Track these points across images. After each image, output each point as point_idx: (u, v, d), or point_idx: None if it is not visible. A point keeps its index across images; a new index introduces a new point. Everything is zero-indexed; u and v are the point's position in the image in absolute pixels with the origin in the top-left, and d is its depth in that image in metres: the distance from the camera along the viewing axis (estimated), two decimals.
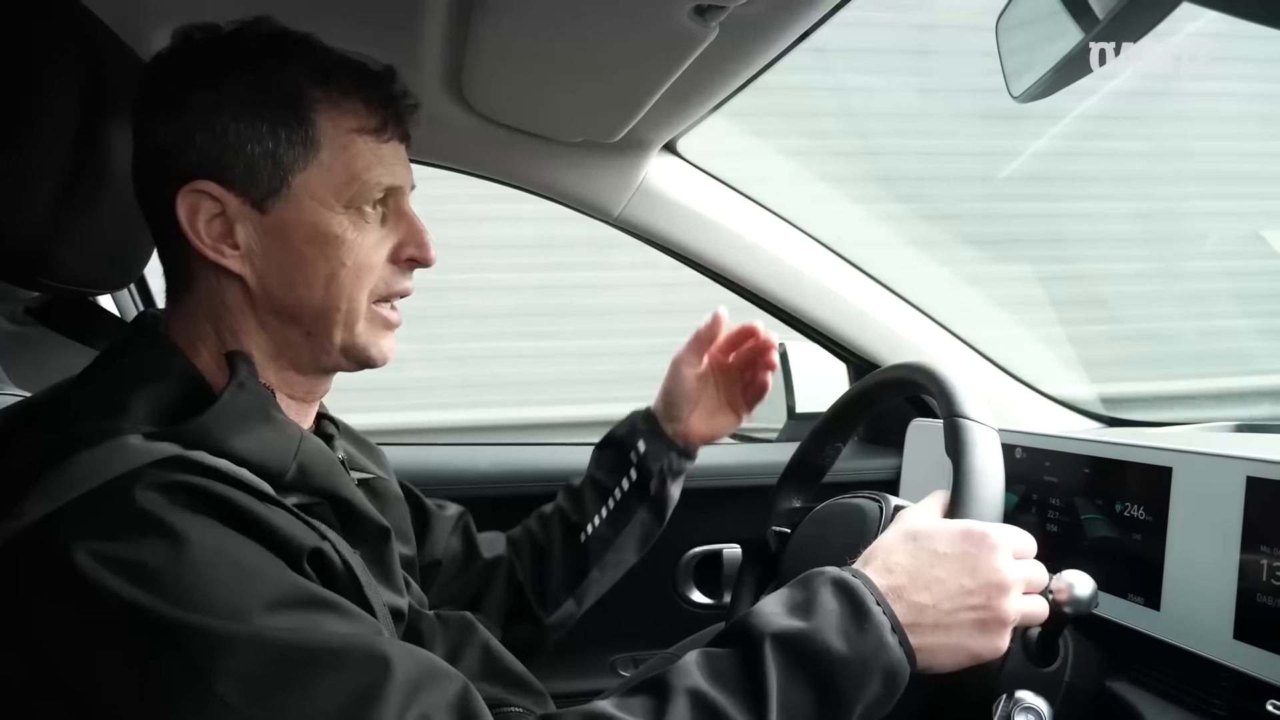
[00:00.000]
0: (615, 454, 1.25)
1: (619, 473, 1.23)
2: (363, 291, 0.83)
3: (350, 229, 0.81)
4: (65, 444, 0.69)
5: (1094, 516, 1.11)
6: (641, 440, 1.23)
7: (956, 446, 0.88)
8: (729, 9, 0.89)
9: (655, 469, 1.22)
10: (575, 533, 1.23)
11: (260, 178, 0.79)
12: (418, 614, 0.93)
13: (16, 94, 0.79)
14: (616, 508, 1.23)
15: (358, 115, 0.82)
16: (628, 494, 1.23)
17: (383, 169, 0.83)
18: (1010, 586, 0.78)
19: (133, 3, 1.02)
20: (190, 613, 0.63)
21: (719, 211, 1.50)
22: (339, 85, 0.81)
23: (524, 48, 1.06)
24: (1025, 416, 1.56)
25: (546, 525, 1.25)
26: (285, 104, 0.79)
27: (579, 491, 1.25)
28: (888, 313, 1.57)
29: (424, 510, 1.16)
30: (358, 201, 0.82)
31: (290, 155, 0.79)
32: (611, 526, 1.22)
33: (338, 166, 0.81)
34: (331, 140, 0.81)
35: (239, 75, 0.79)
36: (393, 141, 0.84)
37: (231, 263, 0.80)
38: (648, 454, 1.22)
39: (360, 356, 0.86)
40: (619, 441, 1.25)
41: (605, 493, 1.23)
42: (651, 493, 1.23)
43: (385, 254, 0.85)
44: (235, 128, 0.78)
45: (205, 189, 0.79)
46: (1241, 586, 0.92)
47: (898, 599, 0.77)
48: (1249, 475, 0.93)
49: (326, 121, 0.80)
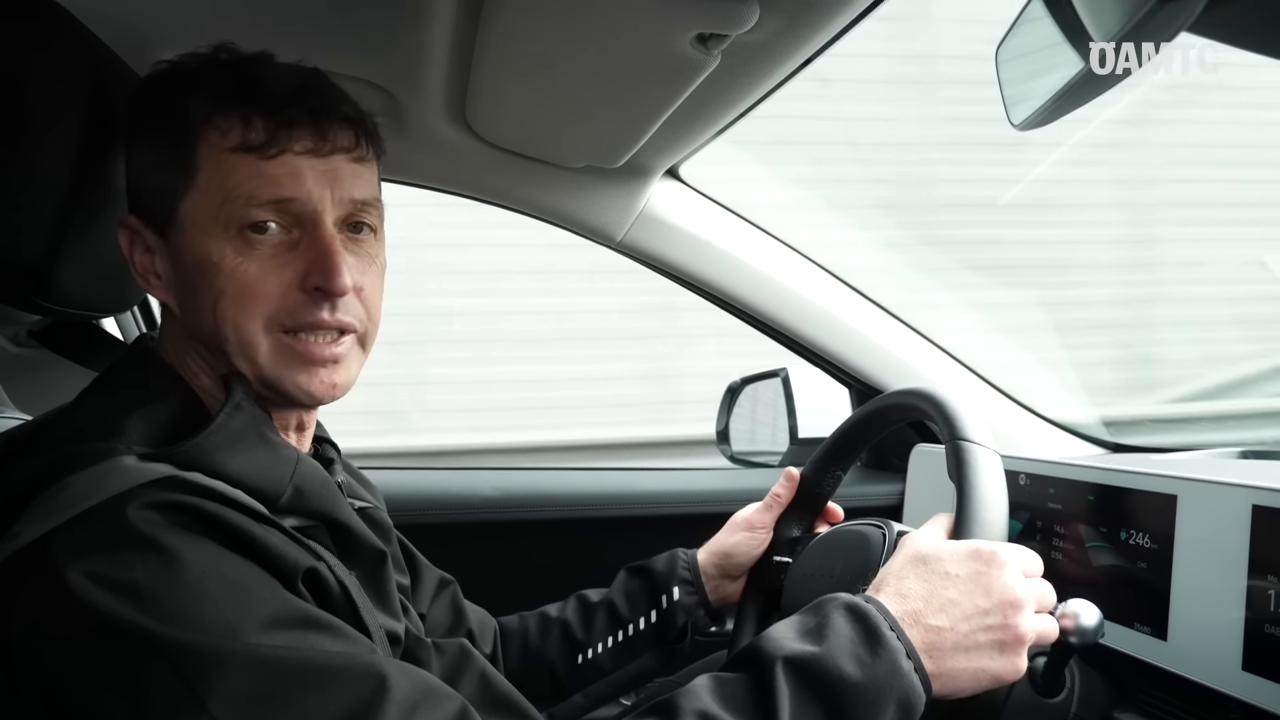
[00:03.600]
0: (644, 588, 1.15)
1: (641, 609, 1.14)
2: (251, 320, 0.77)
3: (230, 254, 0.76)
4: (60, 465, 0.69)
5: (1099, 544, 1.11)
6: (677, 588, 1.13)
7: (959, 469, 0.88)
8: (731, 37, 0.89)
9: (681, 623, 1.12)
10: (573, 651, 1.14)
11: (160, 207, 0.79)
12: (415, 640, 0.93)
13: (20, 118, 0.80)
14: (625, 642, 1.13)
15: (235, 132, 0.76)
16: (642, 633, 1.13)
17: (263, 183, 0.76)
18: (1024, 604, 0.77)
19: (137, 28, 1.03)
20: (184, 631, 0.63)
21: (721, 236, 1.50)
22: (219, 102, 0.77)
23: (527, 75, 1.07)
24: (1028, 442, 1.56)
25: (545, 632, 1.16)
26: (174, 130, 0.78)
27: (592, 610, 1.16)
28: (890, 338, 1.57)
29: (413, 557, 1.11)
30: (235, 222, 0.76)
31: (176, 183, 0.77)
32: (613, 659, 1.13)
33: (213, 188, 0.76)
34: (208, 161, 0.77)
35: (151, 106, 0.80)
36: (287, 155, 0.77)
37: (159, 292, 0.81)
38: (679, 604, 1.12)
39: (275, 390, 0.80)
40: (652, 577, 1.15)
41: (619, 623, 1.14)
42: (667, 641, 1.13)
43: (286, 280, 0.77)
44: (140, 159, 0.80)
45: (129, 222, 0.81)
46: (1249, 617, 0.91)
47: (914, 624, 0.75)
48: (1255, 504, 0.93)
49: (205, 143, 0.77)
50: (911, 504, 1.57)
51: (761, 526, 1.13)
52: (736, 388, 1.83)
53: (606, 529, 1.59)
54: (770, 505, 1.14)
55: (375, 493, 1.04)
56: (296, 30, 0.86)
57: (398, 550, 1.03)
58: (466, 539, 1.50)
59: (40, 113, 0.81)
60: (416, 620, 0.99)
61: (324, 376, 0.80)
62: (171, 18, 1.04)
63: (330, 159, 0.78)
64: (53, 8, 0.82)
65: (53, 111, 0.82)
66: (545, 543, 1.58)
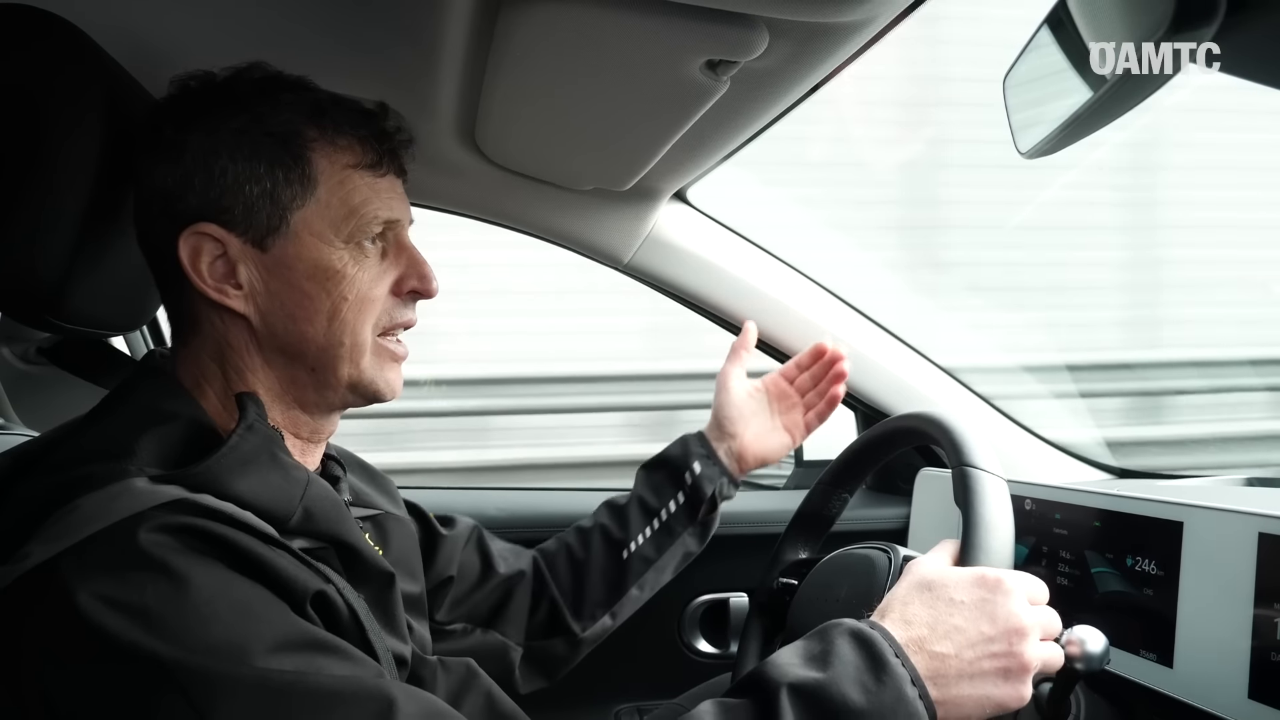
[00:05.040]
0: (667, 474, 1.24)
1: (668, 493, 1.24)
2: (366, 325, 0.84)
3: (351, 263, 0.83)
4: (71, 485, 0.70)
5: (1105, 570, 1.10)
6: (697, 462, 1.23)
7: (966, 496, 0.88)
8: (740, 64, 0.90)
9: (708, 492, 1.22)
10: (617, 550, 1.22)
11: (259, 217, 0.81)
12: (420, 660, 0.93)
13: (37, 138, 0.81)
14: (662, 528, 1.23)
15: (353, 151, 0.84)
16: (674, 515, 1.23)
17: (380, 203, 0.84)
18: (1029, 631, 0.77)
19: (154, 50, 1.04)
20: (192, 655, 0.63)
21: (728, 259, 1.51)
22: (333, 123, 0.83)
23: (537, 99, 1.07)
24: (1033, 466, 1.55)
25: (586, 540, 1.24)
26: (281, 143, 0.81)
27: (623, 509, 1.25)
28: (895, 361, 1.58)
29: (432, 531, 1.15)
30: (357, 236, 0.83)
31: (288, 193, 0.81)
32: (655, 546, 1.23)
33: (335, 202, 0.82)
34: (328, 177, 0.82)
35: (234, 117, 0.81)
36: (389, 176, 0.86)
37: (235, 303, 0.81)
38: (702, 476, 1.23)
39: (367, 391, 0.86)
40: (671, 462, 1.25)
41: (651, 513, 1.23)
42: (700, 516, 1.23)
43: (387, 287, 0.86)
44: (233, 169, 0.80)
45: (206, 231, 0.80)
46: (1255, 644, 0.91)
47: (918, 651, 0.75)
48: (1261, 531, 0.93)
49: (322, 159, 0.82)
50: (917, 528, 1.57)
51: (736, 378, 1.26)
52: None
53: None
54: (733, 356, 1.28)
55: (391, 489, 1.07)
56: (310, 54, 0.87)
57: (408, 554, 1.03)
58: None
59: (57, 133, 0.81)
60: (422, 638, 0.99)
61: (400, 373, 0.89)
62: (188, 41, 1.05)
63: (401, 179, 0.89)
64: (69, 29, 0.83)
65: (69, 131, 0.82)
66: None
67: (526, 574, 1.21)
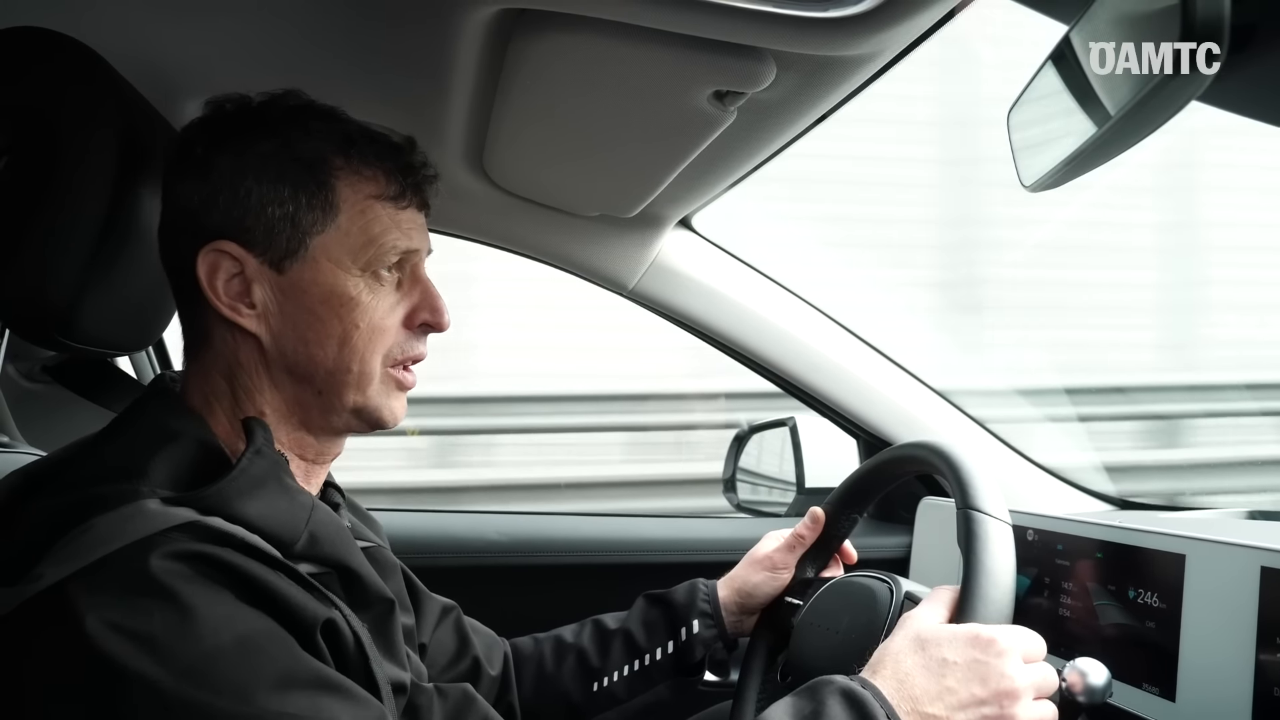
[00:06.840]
0: (663, 618, 1.17)
1: (659, 640, 1.16)
2: (376, 354, 0.84)
3: (365, 291, 0.83)
4: (85, 505, 0.70)
5: (1107, 603, 1.10)
6: (697, 621, 1.15)
7: (969, 541, 0.87)
8: (747, 95, 0.91)
9: (698, 656, 1.14)
10: (589, 680, 1.15)
11: (279, 239, 0.81)
12: (417, 687, 0.92)
13: (52, 159, 0.82)
14: (641, 672, 1.15)
15: (377, 182, 0.84)
16: (659, 663, 1.15)
17: (399, 234, 0.85)
18: (1021, 695, 0.78)
19: (167, 75, 1.05)
20: (196, 689, 0.63)
21: (732, 286, 1.51)
22: (360, 153, 0.84)
23: (545, 127, 1.08)
24: (1033, 496, 1.55)
25: (561, 657, 1.17)
26: (307, 169, 0.82)
27: (609, 638, 1.17)
28: (898, 389, 1.58)
29: (414, 587, 1.12)
30: (373, 265, 0.83)
31: (309, 218, 0.82)
32: (628, 688, 1.15)
33: (355, 230, 0.83)
34: (350, 205, 0.83)
35: (264, 141, 0.82)
36: (410, 209, 0.86)
37: (247, 321, 0.82)
38: (698, 637, 1.14)
39: (371, 418, 0.86)
40: (672, 608, 1.17)
41: (636, 653, 1.16)
42: (683, 672, 1.16)
43: (400, 318, 0.86)
44: (258, 190, 0.81)
45: (225, 248, 0.81)
46: (1258, 678, 0.91)
47: (910, 712, 0.76)
48: (1263, 565, 0.93)
49: (346, 187, 0.83)
50: (919, 557, 1.57)
51: (784, 566, 1.15)
52: (744, 436, 1.83)
53: (612, 575, 1.58)
54: (794, 545, 1.15)
55: (379, 530, 1.05)
56: (320, 81, 0.88)
57: (402, 588, 1.03)
58: (470, 582, 1.49)
59: (69, 152, 0.82)
60: (419, 665, 0.99)
61: (404, 401, 0.89)
62: (201, 67, 1.06)
63: (424, 213, 0.89)
64: (82, 50, 0.84)
65: (81, 151, 0.83)
66: (550, 588, 1.57)
67: (497, 675, 1.15)
